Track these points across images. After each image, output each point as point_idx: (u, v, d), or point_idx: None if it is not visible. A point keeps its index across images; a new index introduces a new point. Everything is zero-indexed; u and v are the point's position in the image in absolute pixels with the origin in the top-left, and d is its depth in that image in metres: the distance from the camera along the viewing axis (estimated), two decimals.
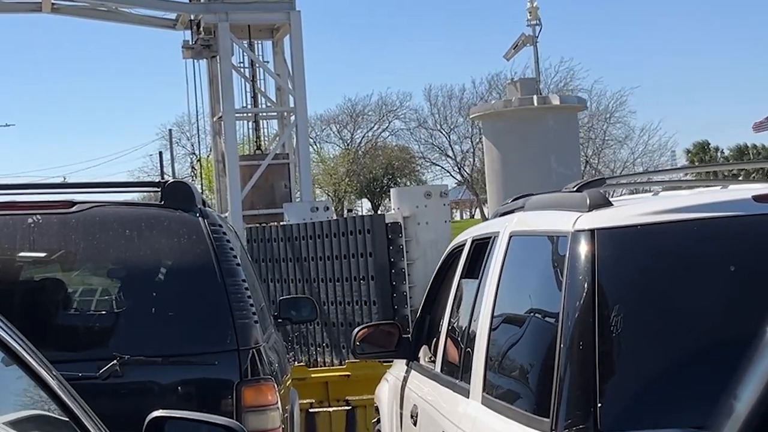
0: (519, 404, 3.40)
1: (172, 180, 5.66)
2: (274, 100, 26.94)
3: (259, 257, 14.83)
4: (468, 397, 3.97)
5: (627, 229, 3.24)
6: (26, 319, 4.89)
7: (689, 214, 3.27)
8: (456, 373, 4.34)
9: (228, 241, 5.35)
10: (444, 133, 50.10)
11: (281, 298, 7.79)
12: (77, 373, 4.66)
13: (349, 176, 52.84)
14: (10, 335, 2.46)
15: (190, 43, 26.21)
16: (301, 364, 11.42)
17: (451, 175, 50.64)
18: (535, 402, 3.26)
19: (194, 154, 57.22)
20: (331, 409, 9.87)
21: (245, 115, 26.92)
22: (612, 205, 3.45)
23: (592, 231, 3.23)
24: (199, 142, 33.80)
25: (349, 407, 9.86)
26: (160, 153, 53.06)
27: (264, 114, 27.47)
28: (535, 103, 15.84)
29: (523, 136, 15.60)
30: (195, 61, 26.53)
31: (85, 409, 2.62)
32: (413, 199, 12.09)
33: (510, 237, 3.98)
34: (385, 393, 6.38)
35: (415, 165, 54.00)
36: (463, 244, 5.03)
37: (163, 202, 5.47)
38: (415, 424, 5.05)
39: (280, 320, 7.04)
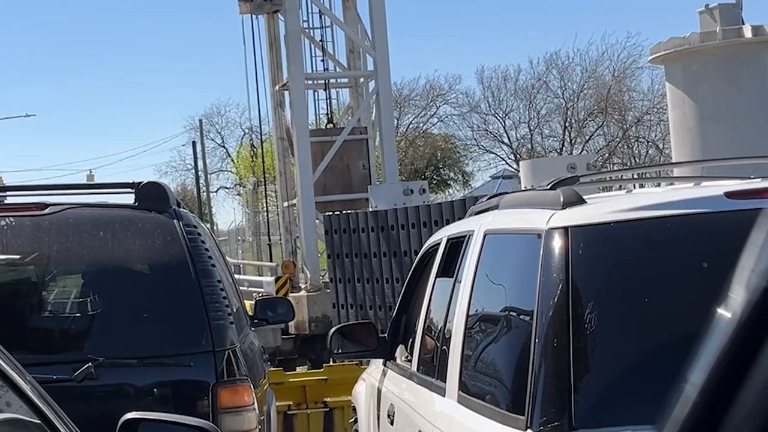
0: (494, 402, 3.40)
1: (146, 181, 5.64)
2: (345, 66, 22.58)
3: (342, 251, 12.57)
4: (444, 396, 3.97)
5: (600, 227, 3.25)
6: None
7: (662, 211, 3.28)
8: (432, 371, 4.35)
9: (203, 242, 5.33)
10: (498, 118, 45.24)
11: (258, 298, 7.76)
12: (52, 375, 4.64)
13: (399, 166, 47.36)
14: None
15: None
16: (279, 368, 11.37)
17: (506, 163, 45.53)
18: (510, 399, 3.27)
19: (224, 146, 53.42)
20: (308, 411, 9.86)
21: (314, 82, 22.35)
22: (585, 202, 3.46)
23: (565, 228, 3.23)
24: (259, 115, 28.05)
25: (327, 409, 9.85)
26: (194, 143, 48.21)
27: (333, 82, 22.88)
28: (747, 34, 11.69)
29: (729, 81, 11.70)
30: (253, 16, 22.43)
31: (57, 412, 2.61)
32: (553, 174, 10.47)
33: (485, 235, 3.99)
34: (362, 393, 6.37)
35: (460, 155, 48.34)
36: (439, 243, 5.03)
37: (137, 204, 5.44)
38: (392, 424, 5.05)
39: (256, 321, 7.02)
